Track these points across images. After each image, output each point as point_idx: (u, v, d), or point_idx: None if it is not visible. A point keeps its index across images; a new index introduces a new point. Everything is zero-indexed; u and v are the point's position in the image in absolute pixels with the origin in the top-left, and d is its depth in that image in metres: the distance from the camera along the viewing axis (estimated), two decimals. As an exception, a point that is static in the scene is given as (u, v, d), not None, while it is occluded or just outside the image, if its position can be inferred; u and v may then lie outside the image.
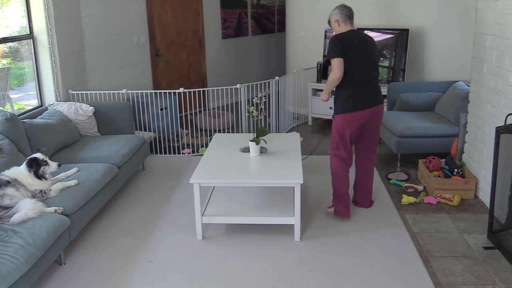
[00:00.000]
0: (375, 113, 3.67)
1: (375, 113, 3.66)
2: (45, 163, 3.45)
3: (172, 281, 3.06)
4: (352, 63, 3.52)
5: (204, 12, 7.42)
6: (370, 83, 3.63)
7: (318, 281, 3.02)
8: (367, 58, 3.59)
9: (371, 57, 3.61)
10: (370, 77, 3.62)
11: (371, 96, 3.63)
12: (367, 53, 3.59)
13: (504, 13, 3.66)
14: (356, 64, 3.53)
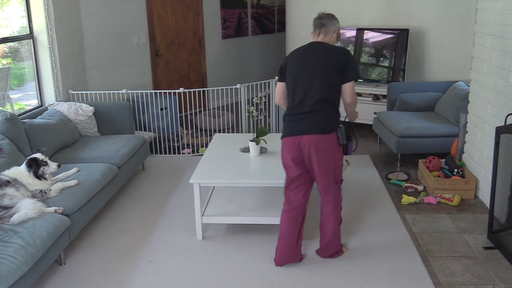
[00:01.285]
0: (311, 146, 2.90)
1: (310, 146, 2.90)
2: (45, 164, 3.45)
3: (172, 281, 3.06)
4: (289, 83, 3.02)
5: (204, 12, 7.42)
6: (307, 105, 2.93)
7: (318, 281, 3.01)
8: (315, 78, 2.92)
9: (322, 77, 2.91)
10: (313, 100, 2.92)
11: (302, 121, 2.94)
12: (317, 72, 2.92)
13: (504, 13, 3.66)
14: (294, 84, 2.98)
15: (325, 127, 2.91)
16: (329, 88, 2.93)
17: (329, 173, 2.98)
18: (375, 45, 6.14)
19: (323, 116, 2.92)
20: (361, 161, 5.14)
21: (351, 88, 2.97)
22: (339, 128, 2.93)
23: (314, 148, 2.90)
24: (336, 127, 2.94)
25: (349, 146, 3.09)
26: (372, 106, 6.04)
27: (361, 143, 5.85)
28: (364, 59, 6.23)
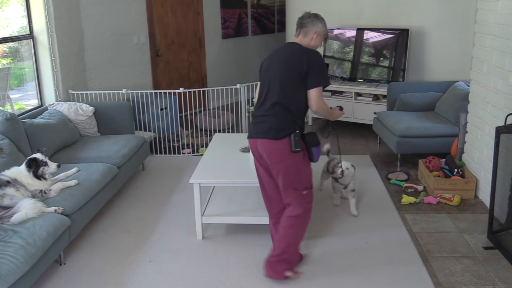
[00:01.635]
0: (263, 150, 2.85)
1: (263, 150, 2.86)
2: (45, 164, 3.45)
3: (172, 281, 3.06)
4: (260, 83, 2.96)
5: (204, 12, 7.42)
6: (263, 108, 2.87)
7: (318, 281, 3.01)
8: (274, 80, 2.83)
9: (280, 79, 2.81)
10: (270, 103, 2.83)
11: (259, 124, 2.88)
12: (277, 74, 2.82)
13: (504, 13, 3.66)
14: (261, 85, 2.93)
15: (276, 133, 2.79)
16: (287, 92, 2.80)
17: (284, 179, 2.87)
18: (375, 45, 6.14)
19: (275, 121, 2.82)
20: (361, 161, 5.14)
21: (316, 95, 2.80)
22: (292, 134, 2.78)
23: (266, 153, 2.86)
24: (289, 133, 2.79)
25: (314, 153, 2.88)
26: (372, 106, 6.04)
27: (361, 143, 5.85)
28: (364, 59, 6.23)
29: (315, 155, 2.90)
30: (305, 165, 2.90)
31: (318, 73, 2.78)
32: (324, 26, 2.94)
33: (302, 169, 2.88)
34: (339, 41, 6.38)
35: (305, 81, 2.78)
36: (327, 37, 3.00)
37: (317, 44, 2.94)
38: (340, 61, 6.41)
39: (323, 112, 2.93)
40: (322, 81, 2.81)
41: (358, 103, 6.15)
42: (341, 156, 3.80)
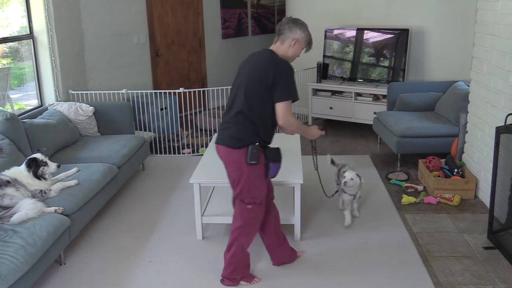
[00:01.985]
0: (222, 157, 2.83)
1: (222, 156, 2.83)
2: (45, 164, 3.45)
3: (172, 281, 3.06)
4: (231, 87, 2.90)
5: (204, 12, 7.42)
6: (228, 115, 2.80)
7: (318, 281, 3.01)
8: (241, 88, 2.75)
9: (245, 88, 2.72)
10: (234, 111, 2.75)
11: (223, 130, 2.81)
12: (243, 81, 2.76)
13: (504, 13, 3.66)
14: (231, 89, 2.87)
15: (235, 142, 2.72)
16: (250, 102, 2.69)
17: (234, 188, 2.84)
18: (375, 45, 6.14)
19: (236, 130, 2.73)
20: (361, 161, 5.14)
21: (282, 109, 2.66)
22: (250, 146, 2.69)
23: (223, 160, 2.82)
24: (248, 144, 2.70)
25: (271, 168, 2.78)
26: (372, 106, 6.04)
27: (361, 143, 5.85)
28: (364, 59, 6.24)
29: (271, 171, 2.80)
30: (259, 180, 2.80)
31: (285, 87, 2.65)
32: (304, 32, 2.76)
33: (255, 183, 2.79)
34: (339, 41, 6.38)
35: (271, 93, 2.66)
36: (310, 44, 2.83)
37: (296, 52, 2.78)
38: (340, 61, 6.41)
39: (292, 128, 2.77)
40: (288, 95, 2.65)
41: (358, 103, 6.15)
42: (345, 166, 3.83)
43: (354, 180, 3.60)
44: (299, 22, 2.77)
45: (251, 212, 2.86)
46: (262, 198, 2.87)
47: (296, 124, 2.78)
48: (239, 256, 2.95)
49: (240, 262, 2.97)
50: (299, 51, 2.80)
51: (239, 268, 2.98)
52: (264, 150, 2.78)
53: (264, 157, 2.77)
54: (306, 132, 2.95)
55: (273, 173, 2.82)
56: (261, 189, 2.84)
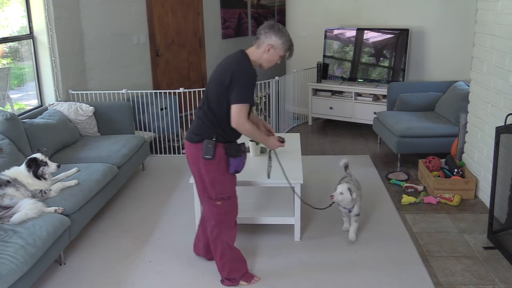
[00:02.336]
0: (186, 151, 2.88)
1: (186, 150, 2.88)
2: (45, 164, 3.45)
3: (172, 281, 3.06)
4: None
5: (204, 12, 7.41)
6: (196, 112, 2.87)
7: (318, 281, 3.01)
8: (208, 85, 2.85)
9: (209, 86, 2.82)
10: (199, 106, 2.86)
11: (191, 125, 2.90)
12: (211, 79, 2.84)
13: (504, 13, 3.66)
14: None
15: (194, 136, 2.78)
16: (210, 100, 2.75)
17: (197, 184, 2.87)
18: (375, 45, 6.14)
19: (196, 125, 2.80)
20: (361, 161, 5.14)
21: (235, 111, 2.66)
22: (206, 140, 2.72)
23: (189, 157, 2.85)
24: (204, 139, 2.74)
25: (231, 163, 2.78)
26: (372, 106, 6.04)
27: (361, 143, 5.85)
28: (364, 59, 6.24)
29: (232, 166, 2.78)
30: (221, 175, 2.79)
31: (240, 90, 2.65)
32: (280, 39, 2.71)
33: (217, 178, 2.79)
34: (339, 41, 6.38)
35: (228, 94, 2.68)
36: (289, 50, 2.78)
37: (271, 58, 2.76)
38: (340, 61, 6.41)
39: (244, 132, 2.74)
40: (241, 99, 2.65)
41: (358, 103, 6.15)
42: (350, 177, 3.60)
43: (344, 195, 3.34)
44: (276, 28, 2.73)
45: (222, 208, 2.85)
46: (230, 193, 2.86)
47: (250, 129, 2.73)
48: (229, 254, 2.94)
49: (232, 259, 2.96)
50: (275, 57, 2.77)
51: (235, 266, 2.97)
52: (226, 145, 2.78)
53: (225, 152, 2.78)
54: (263, 141, 2.91)
55: (233, 168, 2.81)
56: (226, 185, 2.84)
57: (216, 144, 2.73)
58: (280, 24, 2.79)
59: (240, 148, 2.80)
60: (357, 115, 6.18)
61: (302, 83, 6.71)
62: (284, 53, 2.78)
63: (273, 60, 2.79)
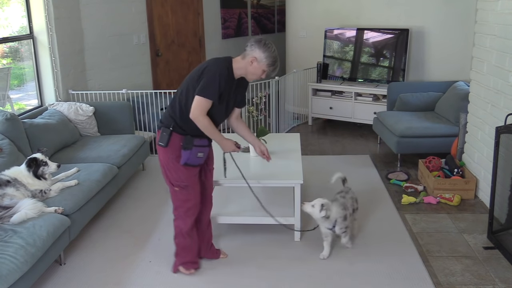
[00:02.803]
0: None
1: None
2: (45, 164, 3.45)
3: (171, 281, 3.06)
4: None
5: (204, 12, 7.41)
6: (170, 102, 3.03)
7: (318, 281, 3.01)
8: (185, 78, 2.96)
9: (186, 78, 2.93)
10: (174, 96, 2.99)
11: None
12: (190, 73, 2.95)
13: (504, 13, 3.66)
14: None
15: (159, 124, 2.94)
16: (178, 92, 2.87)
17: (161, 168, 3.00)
18: (375, 45, 6.14)
19: (163, 115, 2.96)
20: (361, 161, 5.14)
21: (194, 102, 2.74)
22: (162, 128, 2.87)
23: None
24: (163, 126, 2.87)
25: (182, 155, 2.85)
26: (372, 106, 6.04)
27: (361, 143, 5.85)
28: (364, 59, 6.24)
29: (182, 158, 2.86)
30: (175, 164, 2.88)
31: (205, 84, 2.73)
32: (264, 53, 2.77)
33: (171, 166, 2.90)
34: (339, 41, 6.38)
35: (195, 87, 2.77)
36: (272, 67, 2.83)
37: (255, 71, 2.81)
38: (340, 61, 6.41)
39: (200, 126, 2.80)
40: (203, 92, 2.72)
41: (358, 103, 6.15)
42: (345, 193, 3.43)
43: (314, 209, 3.17)
44: (263, 43, 2.79)
45: (179, 195, 2.96)
46: (186, 183, 2.92)
47: (205, 124, 2.79)
48: (179, 239, 3.07)
49: (181, 245, 3.08)
50: (258, 70, 2.82)
51: (181, 252, 3.10)
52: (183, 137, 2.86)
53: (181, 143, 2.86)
54: (218, 141, 2.95)
55: (184, 160, 2.86)
56: (180, 174, 2.90)
57: (172, 134, 2.85)
58: (268, 41, 2.84)
59: (191, 141, 2.84)
60: (357, 115, 6.18)
61: (302, 83, 6.71)
62: (267, 68, 2.82)
63: (257, 74, 2.84)
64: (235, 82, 2.88)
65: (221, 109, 2.89)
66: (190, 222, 3.02)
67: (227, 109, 2.95)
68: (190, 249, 3.11)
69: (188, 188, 2.94)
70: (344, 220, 3.24)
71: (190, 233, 3.05)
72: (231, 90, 2.87)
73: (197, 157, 2.88)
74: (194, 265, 3.15)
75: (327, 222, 3.21)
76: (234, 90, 2.91)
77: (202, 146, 2.88)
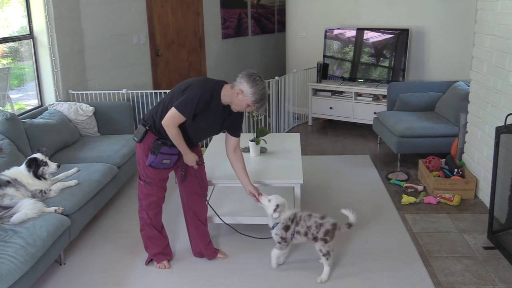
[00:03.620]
0: None
1: None
2: (45, 164, 3.45)
3: (172, 281, 3.06)
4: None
5: (204, 12, 7.41)
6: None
7: (318, 281, 3.01)
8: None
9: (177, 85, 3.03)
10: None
11: None
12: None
13: (504, 13, 3.66)
14: None
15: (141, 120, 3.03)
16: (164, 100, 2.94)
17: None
18: (375, 45, 6.14)
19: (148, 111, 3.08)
20: (361, 161, 5.14)
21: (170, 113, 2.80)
22: (140, 125, 2.97)
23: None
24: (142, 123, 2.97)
25: (149, 157, 2.92)
26: (372, 106, 6.04)
27: (361, 143, 5.85)
28: (364, 59, 6.23)
29: (148, 159, 2.93)
30: (143, 160, 2.98)
31: (184, 100, 2.79)
32: (251, 88, 2.74)
33: (140, 161, 3.00)
34: (339, 41, 6.38)
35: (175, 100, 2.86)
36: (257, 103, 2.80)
37: (239, 103, 2.80)
38: (340, 61, 6.41)
39: (168, 133, 2.85)
40: (180, 107, 2.78)
41: (358, 103, 6.15)
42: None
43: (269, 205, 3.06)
44: (252, 78, 2.77)
45: (143, 189, 3.06)
46: (150, 179, 3.00)
47: (173, 134, 2.84)
48: (145, 231, 3.16)
49: (147, 236, 3.17)
50: (243, 103, 2.80)
51: (148, 243, 3.19)
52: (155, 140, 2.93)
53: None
54: (182, 152, 2.96)
55: (148, 162, 2.94)
56: (146, 171, 2.99)
57: (148, 132, 2.93)
58: (260, 76, 2.81)
59: (159, 148, 2.90)
60: (357, 115, 6.18)
61: (302, 83, 6.71)
62: (252, 104, 2.79)
63: (241, 106, 2.82)
64: (223, 109, 2.88)
65: (199, 128, 2.92)
66: (152, 214, 3.11)
67: (209, 131, 3.04)
68: (157, 239, 3.18)
69: (152, 185, 3.03)
70: (283, 229, 3.01)
71: (155, 224, 3.15)
72: (216, 114, 2.89)
73: (162, 163, 2.94)
74: (166, 257, 3.23)
75: (271, 220, 3.08)
76: (224, 116, 2.93)
77: (170, 154, 2.93)
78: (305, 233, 3.00)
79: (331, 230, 2.97)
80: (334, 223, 3.00)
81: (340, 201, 4.12)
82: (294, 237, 3.03)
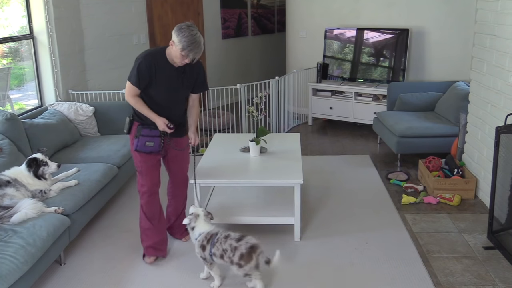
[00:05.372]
0: None
1: None
2: (45, 164, 3.45)
3: (172, 281, 3.06)
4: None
5: (204, 12, 7.41)
6: None
7: (318, 281, 3.02)
8: None
9: None
10: None
11: None
12: None
13: (504, 13, 3.66)
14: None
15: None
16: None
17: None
18: (375, 45, 6.14)
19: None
20: (361, 161, 5.14)
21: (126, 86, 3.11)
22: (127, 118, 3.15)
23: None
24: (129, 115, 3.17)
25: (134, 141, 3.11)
26: (372, 106, 6.04)
27: (361, 143, 5.85)
28: (364, 59, 6.23)
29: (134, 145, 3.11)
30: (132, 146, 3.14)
31: (131, 70, 3.10)
32: (177, 37, 2.88)
33: (133, 152, 3.17)
34: (339, 41, 6.38)
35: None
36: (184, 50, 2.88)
37: (175, 54, 2.95)
38: (340, 61, 6.41)
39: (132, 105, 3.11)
40: (129, 78, 3.08)
41: (358, 103, 6.15)
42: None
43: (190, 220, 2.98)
44: (179, 28, 2.90)
45: (138, 179, 3.21)
46: (140, 168, 3.15)
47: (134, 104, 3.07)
48: (142, 222, 3.26)
49: (143, 229, 3.26)
50: (177, 53, 2.93)
51: (142, 236, 3.27)
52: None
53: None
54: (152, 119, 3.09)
55: (134, 147, 3.11)
56: (136, 160, 3.15)
57: (133, 123, 3.14)
58: (189, 25, 2.91)
59: (139, 131, 3.09)
60: (357, 115, 6.18)
61: (302, 83, 6.71)
62: (180, 51, 2.90)
63: (177, 57, 2.96)
64: (176, 69, 3.04)
65: (162, 93, 3.06)
66: (144, 203, 3.20)
67: (175, 93, 3.12)
68: (150, 231, 3.24)
69: (142, 174, 3.16)
70: (200, 248, 2.90)
71: (149, 216, 3.22)
72: (170, 74, 3.04)
73: (145, 145, 3.08)
74: (157, 252, 3.28)
75: (192, 233, 2.99)
76: (179, 75, 3.07)
77: (151, 136, 3.08)
78: (221, 256, 2.83)
79: (246, 254, 2.75)
80: (252, 245, 2.78)
81: (340, 201, 4.12)
82: (212, 258, 2.88)
